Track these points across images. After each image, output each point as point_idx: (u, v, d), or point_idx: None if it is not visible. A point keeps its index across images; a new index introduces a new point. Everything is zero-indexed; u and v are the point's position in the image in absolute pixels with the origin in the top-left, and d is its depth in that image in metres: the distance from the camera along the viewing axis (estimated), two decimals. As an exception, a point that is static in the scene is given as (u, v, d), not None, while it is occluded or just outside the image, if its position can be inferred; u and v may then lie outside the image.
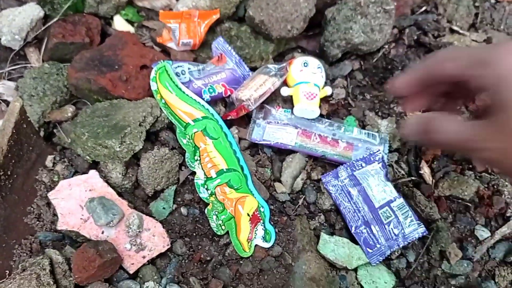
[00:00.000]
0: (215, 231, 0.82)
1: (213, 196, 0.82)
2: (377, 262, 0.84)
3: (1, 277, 0.71)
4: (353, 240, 0.87)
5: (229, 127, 0.89)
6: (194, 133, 0.83)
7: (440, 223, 0.88)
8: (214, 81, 0.89)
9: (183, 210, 0.84)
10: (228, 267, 0.81)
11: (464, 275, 0.88)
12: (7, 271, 0.73)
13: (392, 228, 0.84)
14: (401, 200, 0.86)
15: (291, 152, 0.91)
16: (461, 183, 0.92)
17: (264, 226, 0.82)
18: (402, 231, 0.84)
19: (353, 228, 0.85)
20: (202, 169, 0.83)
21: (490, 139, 0.49)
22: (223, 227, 0.81)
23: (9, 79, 0.96)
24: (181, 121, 0.84)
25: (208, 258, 0.81)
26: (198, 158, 0.83)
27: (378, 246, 0.84)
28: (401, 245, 0.84)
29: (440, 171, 0.94)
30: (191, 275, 0.79)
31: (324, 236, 0.85)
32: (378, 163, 0.89)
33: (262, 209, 0.82)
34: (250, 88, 0.88)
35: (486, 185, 0.95)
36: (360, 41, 0.97)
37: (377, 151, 0.89)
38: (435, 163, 0.95)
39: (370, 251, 0.84)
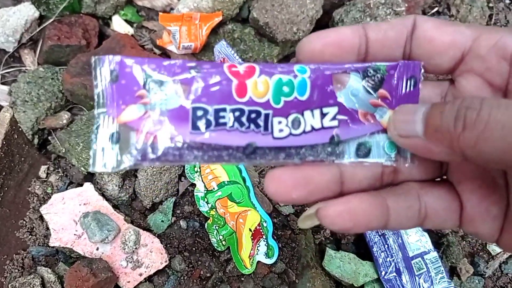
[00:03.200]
0: (215, 247, 0.78)
1: (214, 209, 0.78)
2: None
3: (-9, 296, 0.68)
4: (360, 255, 0.83)
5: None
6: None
7: (450, 238, 0.84)
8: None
9: (183, 223, 0.80)
10: (229, 284, 0.78)
11: (476, 292, 0.85)
12: (-2, 289, 0.70)
13: (422, 282, 0.81)
14: (435, 253, 0.82)
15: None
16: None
17: (267, 242, 0.78)
18: (431, 287, 0.81)
19: (383, 274, 0.81)
20: (203, 181, 0.79)
21: None
22: (223, 242, 0.78)
23: (2, 83, 0.92)
24: None
25: (208, 275, 0.78)
26: (199, 170, 0.79)
27: None
28: None
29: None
30: (190, 292, 0.76)
31: (329, 251, 0.81)
32: None
33: (265, 224, 0.79)
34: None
35: (499, 197, 0.91)
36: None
37: None
38: (446, 174, 0.90)
39: None
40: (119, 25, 0.97)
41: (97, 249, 0.72)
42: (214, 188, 0.78)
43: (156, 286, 0.75)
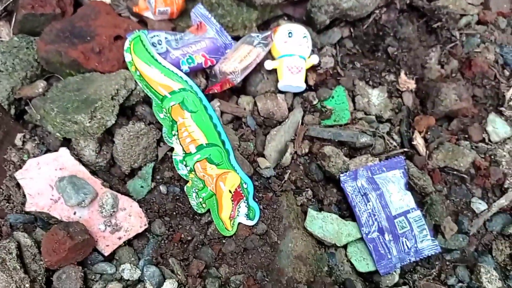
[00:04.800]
0: (196, 210, 0.77)
1: (193, 173, 0.77)
2: (386, 273, 0.80)
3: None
4: (343, 216, 0.83)
5: (210, 100, 0.84)
6: (171, 106, 0.78)
7: (434, 196, 0.84)
8: (194, 51, 0.84)
9: (162, 188, 0.80)
10: (210, 246, 0.77)
11: (460, 249, 0.85)
12: (-25, 256, 0.69)
13: (405, 240, 0.80)
14: (419, 212, 0.82)
15: (275, 125, 0.86)
16: (456, 154, 0.88)
17: (248, 203, 0.78)
18: (415, 245, 0.80)
19: (365, 232, 0.81)
20: (181, 144, 0.78)
21: None
22: (204, 205, 0.77)
23: (-23, 55, 0.90)
24: (157, 94, 0.78)
25: (189, 238, 0.77)
26: (176, 133, 0.78)
27: (389, 256, 0.80)
28: (412, 260, 0.80)
29: (434, 141, 0.89)
30: (171, 255, 0.75)
31: (311, 212, 0.81)
32: (400, 170, 0.83)
33: (245, 186, 0.78)
34: (234, 59, 0.83)
35: (482, 156, 0.91)
36: (349, 6, 0.91)
37: (399, 158, 0.85)
38: (428, 133, 0.90)
39: (380, 260, 0.80)
40: (95, -7, 0.95)
41: (75, 213, 0.72)
42: (192, 151, 0.78)
43: (136, 250, 0.75)
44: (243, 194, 0.78)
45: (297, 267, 0.76)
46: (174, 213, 0.79)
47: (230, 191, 0.76)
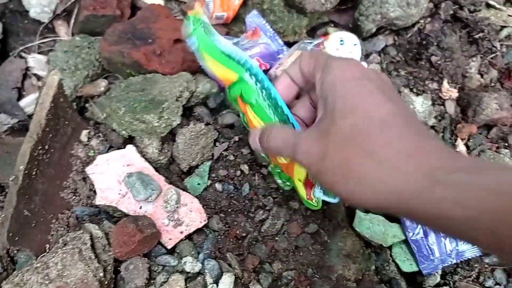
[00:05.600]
0: (281, 187, 0.78)
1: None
2: (429, 274, 0.83)
3: (40, 251, 0.71)
4: (388, 217, 0.86)
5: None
6: (237, 96, 0.69)
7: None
8: (249, 55, 0.88)
9: (218, 186, 0.83)
10: (264, 243, 0.81)
11: (499, 253, 0.88)
12: (47, 245, 0.73)
13: (447, 243, 0.84)
14: None
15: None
16: (496, 161, 0.91)
17: (321, 188, 0.68)
18: (456, 248, 0.84)
19: (409, 234, 0.84)
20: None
21: (311, 144, 0.48)
22: (287, 183, 0.76)
23: (39, 53, 0.94)
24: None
25: (244, 234, 0.81)
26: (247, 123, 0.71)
27: (432, 258, 0.83)
28: (453, 262, 0.84)
29: (475, 149, 0.92)
30: (227, 250, 0.79)
31: (359, 213, 0.84)
32: None
33: None
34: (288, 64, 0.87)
35: (522, 164, 0.94)
36: (396, 15, 0.95)
37: None
38: (470, 140, 0.93)
39: (423, 261, 0.83)
40: (150, -4, 0.99)
41: (140, 207, 0.76)
42: None
43: (195, 244, 0.79)
44: (313, 182, 0.69)
45: (347, 265, 0.80)
46: (229, 210, 0.82)
47: (299, 180, 0.71)
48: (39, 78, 0.92)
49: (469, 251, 0.84)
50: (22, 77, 0.91)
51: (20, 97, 0.90)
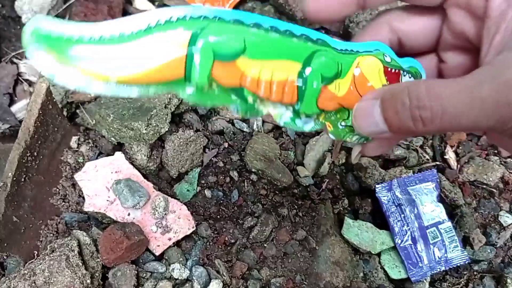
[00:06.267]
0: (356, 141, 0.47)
1: (322, 115, 0.43)
2: (417, 281, 0.84)
3: (29, 257, 0.72)
4: (377, 225, 0.86)
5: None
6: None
7: (464, 209, 0.88)
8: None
9: (207, 192, 0.84)
10: (253, 250, 0.81)
11: (487, 260, 0.88)
12: (35, 251, 0.74)
13: (436, 250, 0.84)
14: (449, 223, 0.86)
15: (314, 135, 0.90)
16: (486, 169, 0.91)
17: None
18: (445, 255, 0.84)
19: (399, 242, 0.84)
20: (271, 103, 0.41)
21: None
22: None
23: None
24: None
25: (232, 241, 0.81)
26: (254, 96, 0.39)
27: (420, 265, 0.83)
28: (442, 269, 0.84)
29: (465, 156, 0.93)
30: (216, 257, 0.79)
31: (348, 220, 0.85)
32: (432, 183, 0.87)
33: (387, 58, 0.44)
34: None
35: (511, 171, 0.94)
36: (386, 22, 0.95)
37: (432, 171, 0.89)
38: (460, 148, 0.94)
39: (412, 268, 0.83)
40: (141, 2, 1.00)
41: (129, 214, 0.76)
42: (293, 100, 0.40)
43: (184, 251, 0.79)
44: (399, 71, 0.44)
45: (335, 272, 0.80)
46: (218, 216, 0.83)
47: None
48: (30, 84, 0.92)
49: (458, 258, 0.85)
50: (13, 82, 0.91)
51: (11, 102, 0.90)
